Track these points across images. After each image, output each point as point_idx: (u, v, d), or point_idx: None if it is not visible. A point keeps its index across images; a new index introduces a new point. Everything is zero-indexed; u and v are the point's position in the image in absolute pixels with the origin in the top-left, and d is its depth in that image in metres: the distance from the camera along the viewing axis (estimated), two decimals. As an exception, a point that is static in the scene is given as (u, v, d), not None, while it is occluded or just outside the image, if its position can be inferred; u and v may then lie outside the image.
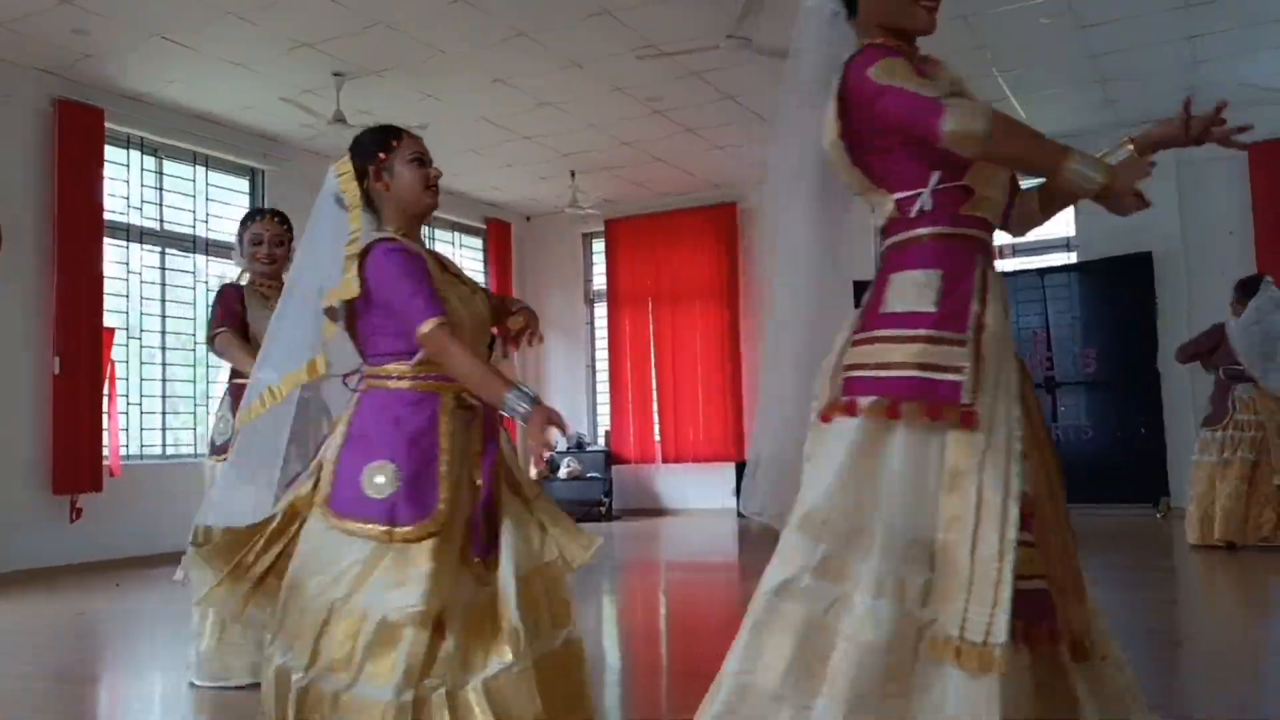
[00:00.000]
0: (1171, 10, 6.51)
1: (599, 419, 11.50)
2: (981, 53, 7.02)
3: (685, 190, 10.82)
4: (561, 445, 10.18)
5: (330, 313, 2.42)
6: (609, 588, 6.04)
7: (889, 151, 1.98)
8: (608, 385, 11.26)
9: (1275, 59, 7.31)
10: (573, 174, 9.91)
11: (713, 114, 8.56)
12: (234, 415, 3.36)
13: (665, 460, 10.76)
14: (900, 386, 1.86)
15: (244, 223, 3.86)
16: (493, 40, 6.77)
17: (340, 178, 2.45)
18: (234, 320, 3.68)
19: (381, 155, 2.44)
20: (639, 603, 5.84)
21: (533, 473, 2.52)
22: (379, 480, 2.28)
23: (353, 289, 2.32)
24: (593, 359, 11.65)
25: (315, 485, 2.39)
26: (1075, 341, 8.88)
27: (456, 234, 11.10)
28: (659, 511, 10.75)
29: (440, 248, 10.80)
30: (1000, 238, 2.28)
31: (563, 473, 10.76)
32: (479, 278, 10.96)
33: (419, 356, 2.35)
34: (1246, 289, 6.43)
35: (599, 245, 11.55)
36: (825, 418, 1.95)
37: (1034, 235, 2.34)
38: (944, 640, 1.75)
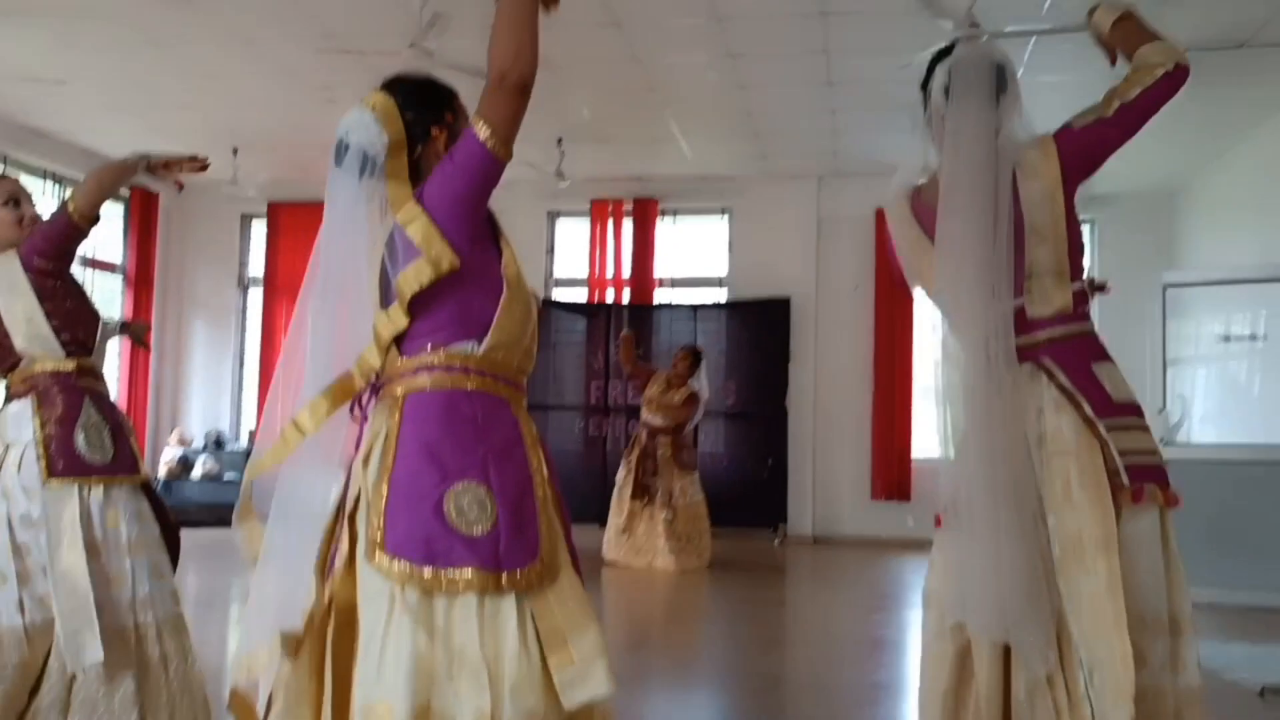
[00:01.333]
0: (817, 85, 7.15)
1: (243, 415, 10.59)
2: (653, 94, 7.48)
3: (355, 183, 7.84)
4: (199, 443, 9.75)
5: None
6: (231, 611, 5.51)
7: (1073, 241, 2.15)
8: (256, 379, 10.35)
9: (895, 138, 8.60)
10: (235, 150, 8.82)
11: (390, 112, 7.65)
12: (36, 417, 2.65)
13: (314, 461, 6.75)
14: (1161, 472, 2.08)
15: None
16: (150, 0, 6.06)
17: (386, 133, 1.82)
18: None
19: (449, 115, 1.95)
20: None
21: None
22: (470, 508, 1.67)
23: (449, 258, 1.75)
24: (241, 349, 10.67)
25: (349, 540, 1.74)
26: (719, 374, 9.18)
27: (96, 199, 9.33)
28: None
29: (78, 213, 9.70)
30: (662, 270, 8.68)
31: (197, 472, 9.70)
32: (116, 248, 10.10)
33: (489, 341, 1.80)
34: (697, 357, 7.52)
35: (259, 228, 10.62)
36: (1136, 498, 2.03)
37: (690, 272, 5.10)
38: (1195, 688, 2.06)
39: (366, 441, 1.81)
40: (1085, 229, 9.00)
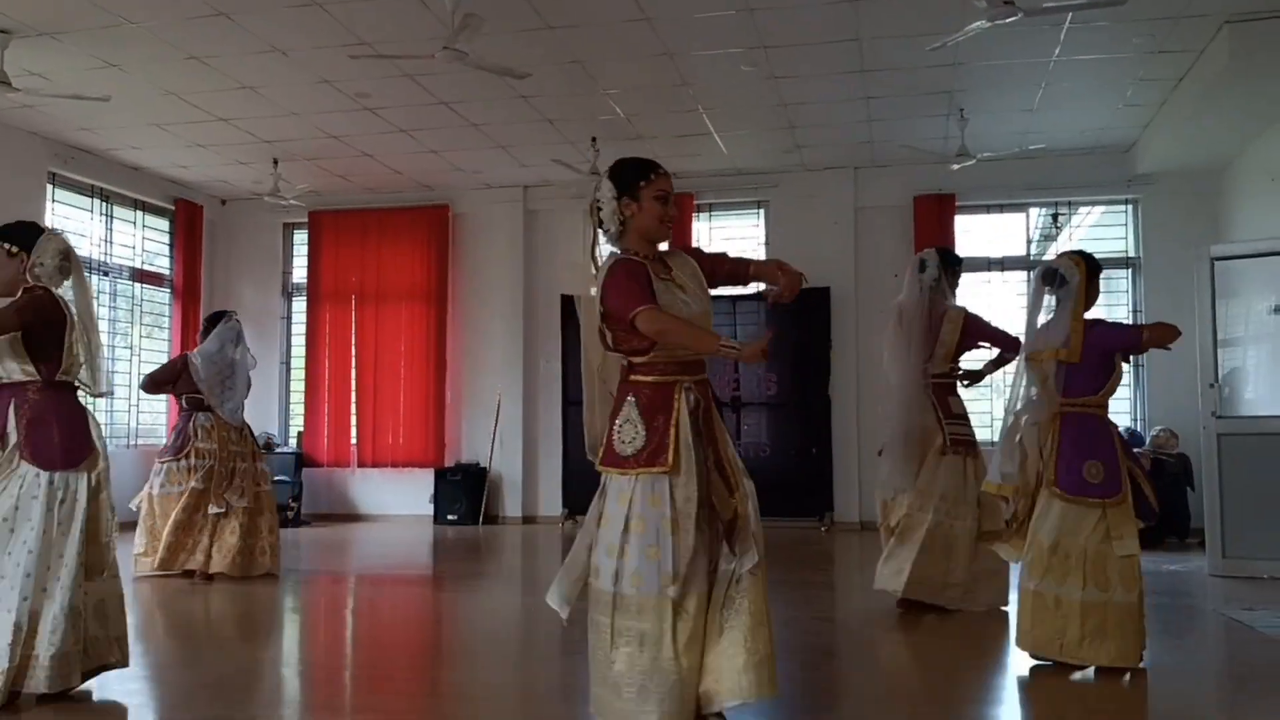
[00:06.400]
0: (850, 73, 7.16)
1: (291, 419, 11.01)
2: (686, 89, 7.47)
3: (395, 188, 10.39)
4: None
5: None
6: (291, 600, 5.95)
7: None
8: (302, 384, 10.76)
9: (930, 124, 8.33)
10: (275, 161, 9.21)
11: (425, 117, 7.89)
12: None
13: (362, 464, 10.42)
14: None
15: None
16: (187, 16, 6.20)
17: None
18: None
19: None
20: (322, 616, 5.69)
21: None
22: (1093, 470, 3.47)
23: None
24: (288, 355, 11.04)
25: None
26: (759, 365, 9.06)
27: (139, 213, 10.05)
28: (353, 517, 10.44)
29: (121, 226, 9.90)
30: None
31: (249, 475, 10.37)
32: (163, 261, 10.45)
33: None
34: (211, 321, 6.69)
35: (301, 236, 10.97)
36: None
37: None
38: None
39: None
40: (1128, 209, 8.93)
